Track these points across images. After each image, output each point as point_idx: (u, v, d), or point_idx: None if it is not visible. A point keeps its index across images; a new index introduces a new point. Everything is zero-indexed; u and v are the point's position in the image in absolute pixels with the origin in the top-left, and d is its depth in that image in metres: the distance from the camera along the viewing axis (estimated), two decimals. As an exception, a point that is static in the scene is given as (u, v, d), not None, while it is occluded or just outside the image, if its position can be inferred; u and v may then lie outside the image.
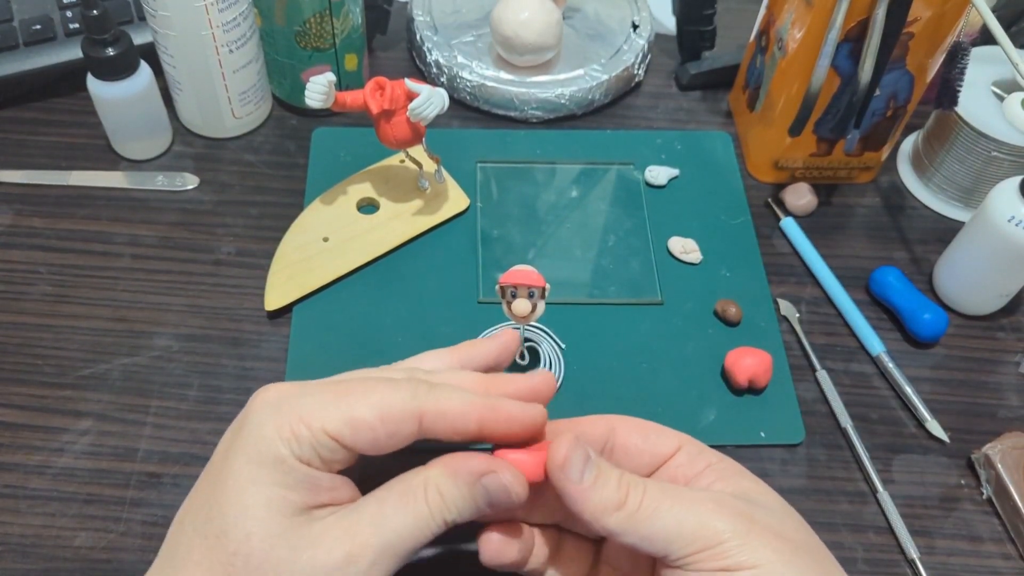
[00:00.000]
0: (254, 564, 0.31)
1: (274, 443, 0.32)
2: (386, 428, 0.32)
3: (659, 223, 0.56)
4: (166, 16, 0.51)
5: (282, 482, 0.32)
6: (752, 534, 0.31)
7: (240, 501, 0.31)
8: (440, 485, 0.33)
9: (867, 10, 0.49)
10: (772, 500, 0.34)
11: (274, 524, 0.31)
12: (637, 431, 0.36)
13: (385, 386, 0.33)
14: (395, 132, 0.50)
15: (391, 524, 0.32)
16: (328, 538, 0.31)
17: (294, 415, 0.32)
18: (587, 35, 0.65)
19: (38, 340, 0.49)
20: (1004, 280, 0.51)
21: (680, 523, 0.32)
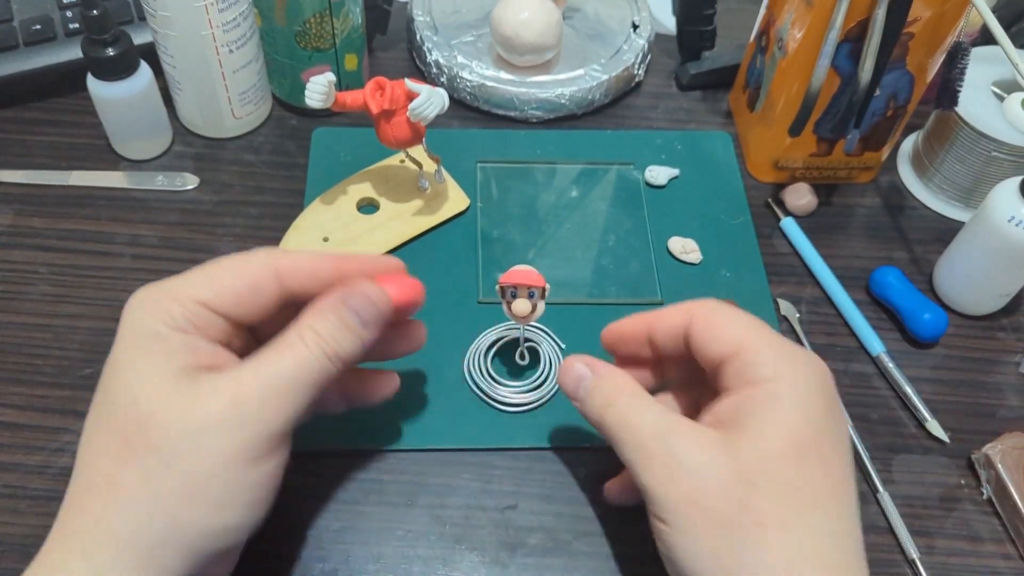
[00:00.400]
0: (145, 425, 0.32)
1: (147, 322, 0.34)
2: (245, 283, 0.35)
3: (659, 223, 0.56)
4: (166, 16, 0.51)
5: (160, 351, 0.33)
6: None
7: (124, 379, 0.33)
8: (312, 323, 0.35)
9: (867, 10, 0.49)
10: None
11: (158, 387, 0.33)
12: (700, 327, 0.38)
13: (241, 255, 0.37)
14: (395, 132, 0.50)
15: (273, 368, 0.34)
16: (213, 390, 0.33)
17: (161, 295, 0.35)
18: (587, 35, 0.65)
19: (38, 340, 0.49)
20: (1004, 280, 0.51)
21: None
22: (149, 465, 0.32)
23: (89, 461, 0.33)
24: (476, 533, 0.43)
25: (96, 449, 0.33)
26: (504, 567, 0.42)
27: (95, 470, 0.33)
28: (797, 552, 0.32)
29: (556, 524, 0.44)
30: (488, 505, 0.44)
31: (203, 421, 0.32)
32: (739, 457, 0.33)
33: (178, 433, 0.32)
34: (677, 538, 0.34)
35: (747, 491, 0.33)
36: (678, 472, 0.34)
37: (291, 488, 0.44)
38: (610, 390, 0.38)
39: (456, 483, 0.45)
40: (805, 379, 0.35)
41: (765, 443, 0.33)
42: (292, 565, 0.42)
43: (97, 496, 0.32)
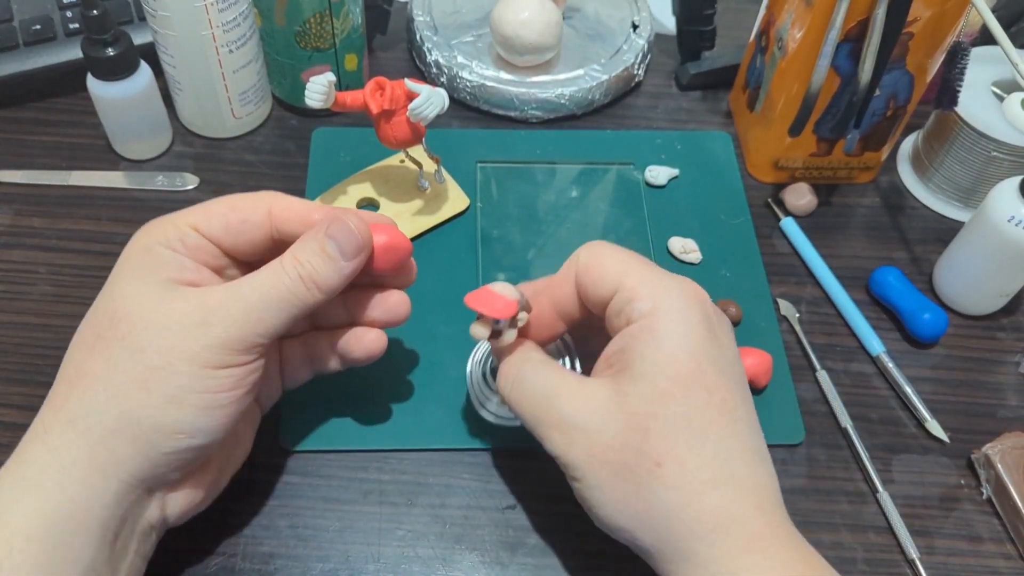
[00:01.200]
0: (117, 319, 0.35)
1: (143, 242, 0.37)
2: (236, 214, 0.38)
3: (659, 223, 0.56)
4: (166, 16, 0.51)
5: (149, 263, 0.36)
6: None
7: (112, 285, 0.37)
8: (292, 250, 0.37)
9: (867, 10, 0.49)
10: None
11: (137, 290, 0.36)
12: (584, 273, 0.39)
13: (240, 193, 0.39)
14: (395, 132, 0.50)
15: (248, 283, 0.36)
16: (185, 296, 0.35)
17: (162, 221, 0.38)
18: (587, 35, 0.65)
19: (38, 340, 0.49)
20: (1004, 280, 0.51)
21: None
22: (114, 353, 0.34)
23: (67, 355, 0.36)
24: (476, 533, 0.43)
25: (75, 344, 0.36)
26: (504, 567, 0.42)
27: (69, 361, 0.36)
28: (694, 480, 0.34)
29: (556, 524, 0.44)
30: (488, 505, 0.44)
31: (167, 320, 0.34)
32: (627, 405, 0.35)
33: (144, 327, 0.34)
34: (588, 492, 0.35)
35: (641, 437, 0.34)
36: (572, 432, 0.35)
37: (291, 488, 0.44)
38: (509, 365, 0.39)
39: (456, 483, 0.45)
40: (680, 309, 0.36)
41: (649, 385, 0.34)
42: (292, 565, 0.42)
43: (65, 384, 0.35)
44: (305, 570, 0.42)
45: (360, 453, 0.46)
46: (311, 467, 0.45)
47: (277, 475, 0.44)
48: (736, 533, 0.33)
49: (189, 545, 0.41)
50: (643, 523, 0.34)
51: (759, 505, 0.34)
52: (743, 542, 0.33)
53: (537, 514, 0.44)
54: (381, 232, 0.39)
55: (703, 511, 0.34)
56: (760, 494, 0.35)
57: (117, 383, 0.34)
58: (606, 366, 0.37)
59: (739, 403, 0.36)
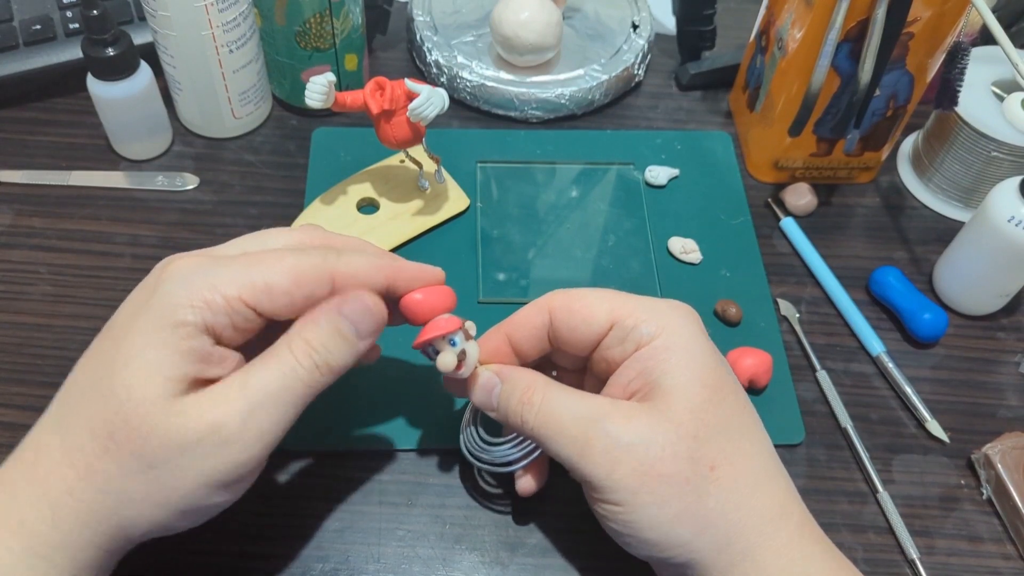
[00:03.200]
0: (132, 426, 0.32)
1: (182, 310, 0.32)
2: (301, 291, 0.34)
3: (659, 223, 0.56)
4: (166, 16, 0.51)
5: (176, 350, 0.32)
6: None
7: (134, 363, 0.32)
8: (303, 333, 0.34)
9: (867, 10, 0.49)
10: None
11: (157, 390, 0.32)
12: (567, 318, 0.38)
13: (296, 253, 0.34)
14: (395, 132, 0.50)
15: (258, 383, 0.33)
16: (198, 407, 0.32)
17: (207, 284, 0.33)
18: (587, 35, 0.65)
19: (38, 340, 0.49)
20: (1004, 280, 0.51)
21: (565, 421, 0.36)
22: (127, 464, 0.32)
23: (76, 430, 0.33)
24: (476, 533, 0.43)
25: (85, 425, 0.33)
26: (504, 567, 0.42)
27: (77, 447, 0.32)
28: (745, 478, 0.35)
29: (556, 524, 0.44)
30: (488, 505, 0.44)
31: (184, 440, 0.32)
32: (673, 417, 0.35)
33: (159, 444, 0.32)
34: (636, 514, 0.34)
35: (692, 444, 0.34)
36: (621, 452, 0.34)
37: (291, 488, 0.44)
38: (523, 390, 0.37)
39: (456, 483, 0.45)
40: (685, 325, 0.37)
41: (686, 395, 0.35)
42: (292, 565, 0.42)
43: (72, 470, 0.32)
44: (305, 570, 0.42)
45: (360, 453, 0.46)
46: (311, 467, 0.45)
47: (277, 475, 0.44)
48: (787, 524, 0.35)
49: (189, 545, 0.41)
50: (704, 530, 0.34)
51: (795, 496, 0.36)
52: (795, 531, 0.35)
53: (537, 514, 0.44)
54: (429, 294, 0.38)
55: (756, 507, 0.35)
56: (791, 485, 0.37)
57: (129, 492, 0.32)
58: (625, 392, 0.37)
59: (753, 407, 0.38)
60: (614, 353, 0.37)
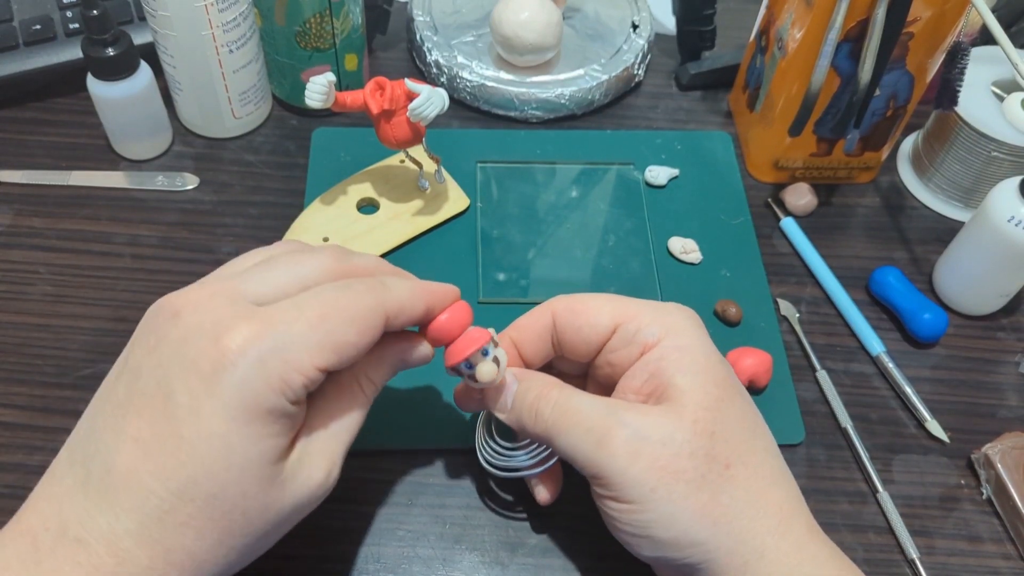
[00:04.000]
0: (252, 516, 0.32)
1: (265, 397, 0.31)
2: (364, 340, 0.34)
3: (659, 223, 0.56)
4: (166, 16, 0.51)
5: (270, 432, 0.31)
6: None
7: (231, 462, 0.31)
8: (372, 376, 0.37)
9: (867, 10, 0.49)
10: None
11: (264, 475, 0.32)
12: (571, 320, 0.39)
13: (352, 297, 0.34)
14: (395, 132, 0.50)
15: (346, 427, 0.36)
16: (306, 466, 0.34)
17: (279, 362, 0.31)
18: (587, 35, 0.65)
19: (38, 340, 0.49)
20: (1004, 280, 0.51)
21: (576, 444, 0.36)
22: (231, 545, 0.32)
23: (165, 527, 0.30)
24: (476, 533, 0.43)
25: (181, 525, 0.31)
26: (504, 567, 0.42)
27: (175, 542, 0.31)
28: (759, 477, 0.35)
29: (556, 524, 0.44)
30: (488, 505, 0.44)
31: (303, 497, 0.34)
32: (688, 416, 0.35)
33: (278, 516, 0.33)
34: (651, 513, 0.34)
35: (709, 441, 0.35)
36: (642, 445, 0.34)
37: (291, 488, 0.44)
38: (540, 387, 0.38)
39: (456, 483, 0.45)
40: (690, 326, 0.37)
41: (701, 393, 0.35)
42: (292, 565, 0.42)
43: (173, 567, 0.31)
44: (305, 570, 0.42)
45: (360, 453, 0.45)
46: (311, 467, 0.45)
47: (277, 475, 0.44)
48: (797, 523, 0.35)
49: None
50: (719, 529, 0.34)
51: (801, 498, 0.37)
52: (804, 532, 0.35)
53: (537, 514, 0.44)
54: (452, 314, 0.38)
55: (770, 505, 0.35)
56: (797, 487, 0.37)
57: (228, 560, 0.33)
58: (637, 395, 0.37)
59: (754, 403, 0.38)
60: (619, 356, 0.38)
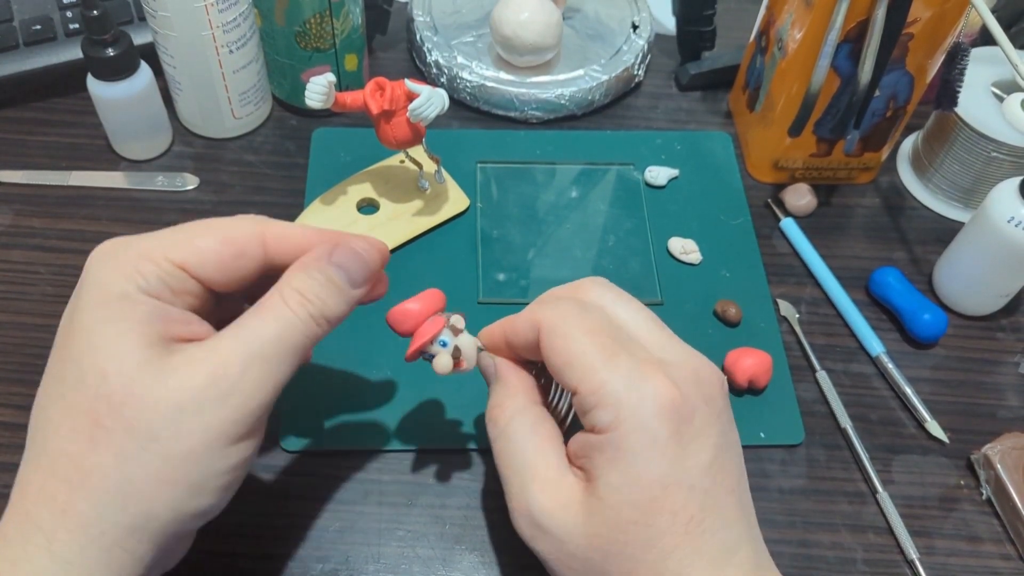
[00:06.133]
0: (117, 402, 0.29)
1: (116, 283, 0.31)
2: (230, 249, 0.33)
3: (659, 223, 0.56)
4: (166, 16, 0.51)
5: (130, 316, 0.30)
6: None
7: (90, 345, 0.30)
8: (294, 283, 0.33)
9: (867, 10, 0.49)
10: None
11: (130, 358, 0.30)
12: (549, 353, 0.35)
13: (226, 219, 0.34)
14: (395, 132, 0.50)
15: (254, 334, 0.31)
16: (190, 361, 0.30)
17: (133, 254, 0.31)
18: (587, 35, 0.65)
19: (38, 340, 0.49)
20: (1004, 280, 0.51)
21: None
22: (123, 447, 0.29)
23: (52, 442, 0.30)
24: (476, 533, 0.43)
25: (60, 428, 0.30)
26: (504, 567, 0.42)
27: (59, 452, 0.30)
28: None
29: (556, 524, 0.44)
30: (488, 505, 0.44)
31: (181, 398, 0.30)
32: (591, 525, 0.32)
33: (154, 412, 0.29)
34: None
35: (602, 558, 0.32)
36: (537, 531, 0.34)
37: (291, 488, 0.44)
38: (503, 398, 0.37)
39: (456, 483, 0.45)
40: (644, 425, 0.32)
41: (612, 510, 0.32)
42: (292, 565, 0.42)
43: (63, 482, 0.29)
44: (305, 570, 0.42)
45: (360, 453, 0.46)
46: (311, 467, 0.45)
47: (277, 475, 0.44)
48: None
49: (189, 545, 0.41)
50: None
51: None
52: None
53: (537, 514, 0.44)
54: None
55: None
56: None
57: (132, 481, 0.29)
58: (575, 457, 0.35)
59: (710, 513, 0.32)
60: (579, 413, 0.35)
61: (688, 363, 0.34)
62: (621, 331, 0.35)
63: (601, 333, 0.34)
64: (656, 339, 0.35)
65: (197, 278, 0.32)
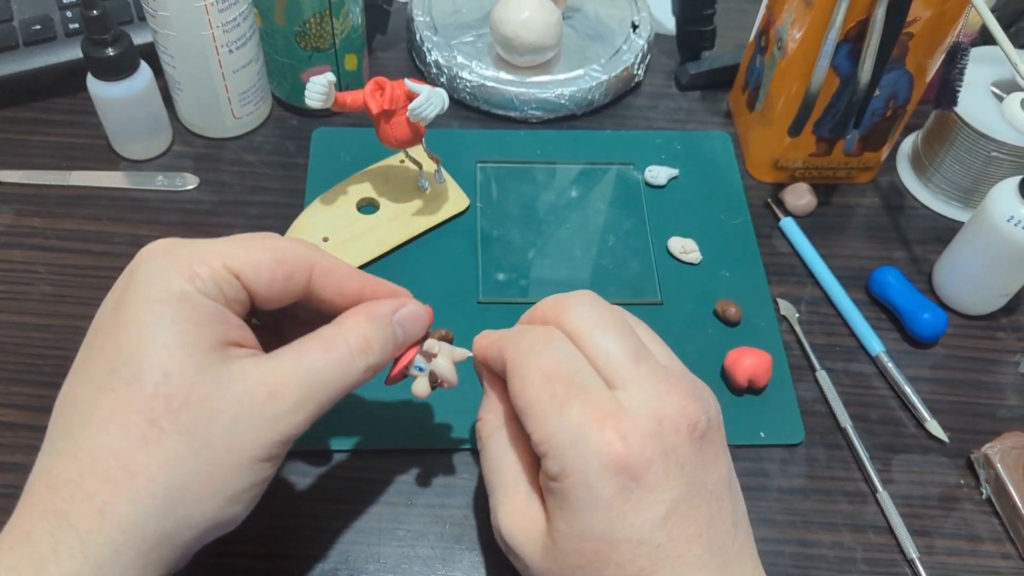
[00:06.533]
0: (176, 404, 0.29)
1: (175, 281, 0.30)
2: (283, 270, 0.33)
3: (659, 223, 0.56)
4: (166, 16, 0.51)
5: (190, 317, 0.30)
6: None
7: (148, 341, 0.29)
8: (359, 329, 0.34)
9: (867, 10, 0.49)
10: None
11: (191, 360, 0.29)
12: (510, 386, 0.35)
13: (278, 237, 0.34)
14: (395, 132, 0.50)
15: (314, 366, 0.32)
16: (250, 374, 0.30)
17: (190, 255, 0.31)
18: (587, 35, 0.65)
19: (38, 340, 0.49)
20: (1004, 280, 0.51)
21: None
22: (176, 451, 0.29)
23: (96, 437, 0.29)
24: (476, 533, 0.43)
25: (107, 423, 0.29)
26: (504, 567, 0.42)
27: (104, 449, 0.28)
28: None
29: (556, 524, 0.44)
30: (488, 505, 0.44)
31: (239, 410, 0.30)
32: (548, 556, 0.33)
33: (212, 419, 0.29)
34: None
35: None
36: (505, 547, 0.36)
37: (291, 488, 0.44)
38: (485, 412, 0.38)
39: (456, 483, 0.45)
40: (589, 481, 0.31)
41: (562, 554, 0.32)
42: (292, 565, 0.42)
43: (105, 480, 0.28)
44: (305, 570, 0.42)
45: (360, 453, 0.46)
46: (311, 467, 0.45)
47: (277, 475, 0.44)
48: None
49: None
50: None
51: None
52: None
53: (537, 514, 0.44)
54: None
55: None
56: None
57: (181, 487, 0.29)
58: (541, 484, 0.34)
59: (663, 565, 0.31)
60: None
61: (652, 408, 0.32)
62: (583, 371, 0.33)
63: (558, 378, 0.33)
64: (628, 374, 0.33)
65: (248, 289, 0.32)
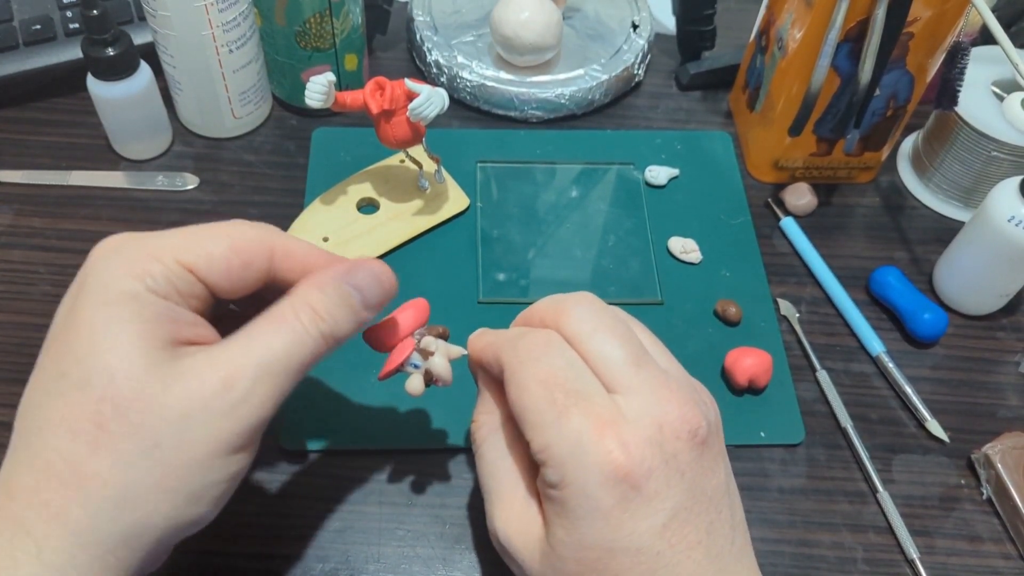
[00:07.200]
0: (123, 406, 0.29)
1: (124, 281, 0.30)
2: (240, 258, 0.32)
3: (659, 223, 0.56)
4: (166, 16, 0.51)
5: (139, 317, 0.29)
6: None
7: (96, 344, 0.29)
8: (308, 299, 0.32)
9: (867, 10, 0.49)
10: None
11: (138, 361, 0.29)
12: (508, 392, 0.35)
13: (234, 225, 0.34)
14: (395, 132, 0.50)
15: (265, 346, 0.31)
16: (199, 368, 0.30)
17: (141, 252, 0.31)
18: (587, 35, 0.65)
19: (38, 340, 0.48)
20: (1004, 280, 0.51)
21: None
22: (125, 453, 0.28)
23: (48, 442, 0.29)
24: (476, 533, 0.43)
25: (58, 428, 0.29)
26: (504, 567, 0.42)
27: (56, 454, 0.29)
28: None
29: (556, 524, 0.44)
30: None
31: (188, 406, 0.29)
32: (545, 562, 0.33)
33: (161, 418, 0.29)
34: None
35: None
36: (500, 549, 0.35)
37: (291, 488, 0.44)
38: (480, 415, 0.38)
39: (456, 483, 0.45)
40: (588, 491, 0.31)
41: (561, 560, 0.32)
42: (292, 565, 0.42)
43: (59, 486, 0.28)
44: (305, 570, 0.42)
45: (360, 453, 0.46)
46: (311, 467, 0.45)
47: (277, 475, 0.44)
48: None
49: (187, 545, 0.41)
50: None
51: None
52: None
53: (537, 514, 0.44)
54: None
55: None
56: None
57: (132, 488, 0.29)
58: (539, 489, 0.34)
59: (663, 573, 0.31)
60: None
61: (652, 414, 0.32)
62: (582, 377, 0.33)
63: (556, 385, 0.32)
64: (629, 379, 0.33)
65: (204, 283, 0.32)
